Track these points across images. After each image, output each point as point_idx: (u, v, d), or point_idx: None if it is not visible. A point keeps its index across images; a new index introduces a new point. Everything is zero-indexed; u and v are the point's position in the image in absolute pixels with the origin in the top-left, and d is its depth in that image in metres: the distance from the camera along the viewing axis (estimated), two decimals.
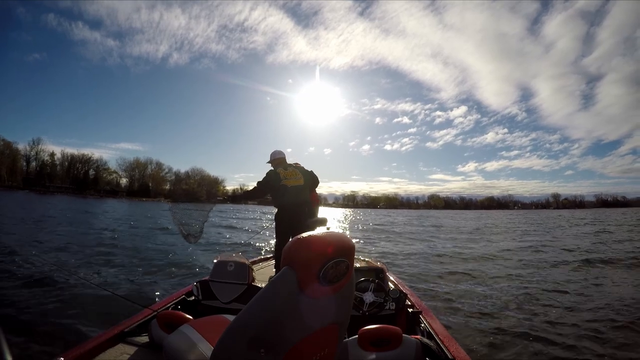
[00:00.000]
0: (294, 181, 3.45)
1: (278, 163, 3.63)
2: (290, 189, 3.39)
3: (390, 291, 2.44)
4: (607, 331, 3.67)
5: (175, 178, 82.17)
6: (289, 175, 3.46)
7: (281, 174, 3.43)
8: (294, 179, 3.46)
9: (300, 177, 3.49)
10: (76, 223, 14.47)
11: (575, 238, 14.47)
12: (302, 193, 3.46)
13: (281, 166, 3.57)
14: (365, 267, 2.82)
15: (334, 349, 1.00)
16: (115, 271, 5.90)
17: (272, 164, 3.67)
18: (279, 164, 3.60)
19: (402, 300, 2.44)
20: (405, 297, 2.47)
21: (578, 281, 6.20)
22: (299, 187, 3.44)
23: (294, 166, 3.63)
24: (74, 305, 3.83)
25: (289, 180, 3.43)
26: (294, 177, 3.47)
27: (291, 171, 3.51)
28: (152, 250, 8.55)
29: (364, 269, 2.76)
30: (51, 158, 76.12)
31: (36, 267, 5.51)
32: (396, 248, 11.47)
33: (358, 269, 2.72)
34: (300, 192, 3.44)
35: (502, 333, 3.65)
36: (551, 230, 19.90)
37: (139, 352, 1.68)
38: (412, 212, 62.62)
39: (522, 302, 4.82)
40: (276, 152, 3.69)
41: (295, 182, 3.45)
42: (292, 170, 3.52)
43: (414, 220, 33.58)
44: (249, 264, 2.62)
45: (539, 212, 67.53)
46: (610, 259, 8.49)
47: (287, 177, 3.44)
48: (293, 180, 3.44)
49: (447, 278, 6.64)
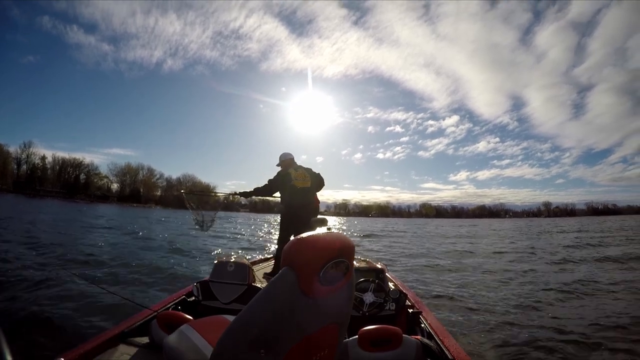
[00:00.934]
0: (303, 183, 3.60)
1: (288, 164, 3.75)
2: (299, 190, 3.55)
3: (390, 291, 2.44)
4: (612, 336, 3.65)
5: (167, 184, 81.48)
6: (299, 177, 3.61)
7: (292, 175, 3.58)
8: (302, 180, 3.61)
9: (309, 179, 3.65)
10: (71, 226, 14.44)
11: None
12: (308, 195, 3.63)
13: (291, 167, 3.69)
14: (365, 268, 2.82)
15: (334, 349, 1.00)
16: (115, 272, 5.90)
17: (281, 165, 3.77)
18: (289, 165, 3.73)
19: (402, 300, 2.44)
20: (405, 297, 2.47)
21: (569, 282, 6.20)
22: (306, 189, 3.60)
23: (303, 168, 3.75)
24: (74, 305, 3.83)
25: (299, 182, 3.58)
26: (303, 179, 3.62)
27: (301, 172, 3.66)
28: (151, 253, 8.55)
29: (364, 269, 2.75)
30: (42, 161, 74.65)
31: (36, 267, 5.51)
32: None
33: (358, 269, 2.72)
34: (307, 193, 3.61)
35: (502, 333, 3.65)
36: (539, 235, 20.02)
37: (139, 352, 1.68)
38: (401, 221, 62.24)
39: (522, 302, 4.82)
40: (285, 154, 3.81)
41: (304, 184, 3.60)
42: (302, 172, 3.67)
43: (401, 226, 33.55)
44: (249, 265, 2.62)
45: (531, 220, 67.38)
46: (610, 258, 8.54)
47: (297, 178, 3.59)
48: (302, 182, 3.60)
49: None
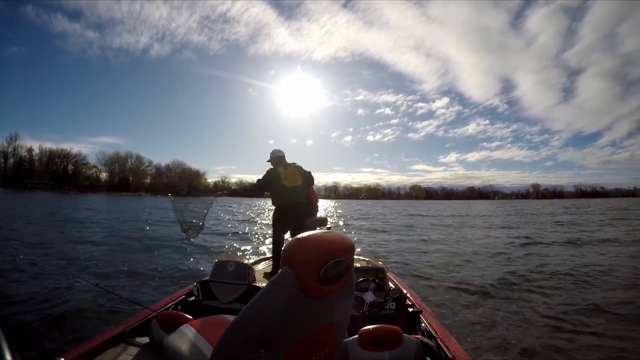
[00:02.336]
0: (293, 182, 3.55)
1: (278, 162, 3.69)
2: (289, 189, 3.50)
3: (390, 291, 2.44)
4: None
5: (156, 171, 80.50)
6: (289, 175, 3.56)
7: (282, 174, 3.52)
8: (292, 179, 3.56)
9: (299, 178, 3.60)
10: (67, 223, 14.36)
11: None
12: (300, 194, 3.58)
13: (281, 165, 3.64)
14: (365, 267, 2.82)
15: (334, 348, 1.00)
16: (115, 272, 5.89)
17: (272, 162, 3.73)
18: (279, 162, 3.67)
19: (402, 300, 2.43)
20: (405, 297, 2.47)
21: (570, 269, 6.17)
22: (296, 187, 3.55)
23: (293, 166, 3.70)
24: (74, 305, 3.83)
25: (288, 181, 3.53)
26: (293, 178, 3.57)
27: (291, 171, 3.60)
28: (149, 252, 8.53)
29: (364, 269, 2.75)
30: (29, 154, 72.43)
31: (36, 267, 5.51)
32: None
33: (358, 269, 2.72)
34: (298, 192, 3.56)
35: (502, 333, 3.64)
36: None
37: (139, 352, 1.68)
38: (389, 203, 61.27)
39: (521, 303, 4.81)
40: (276, 151, 3.75)
41: (294, 183, 3.55)
42: (292, 171, 3.61)
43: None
44: (249, 264, 2.63)
45: (521, 202, 67.03)
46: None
47: (286, 177, 3.53)
48: (292, 181, 3.55)
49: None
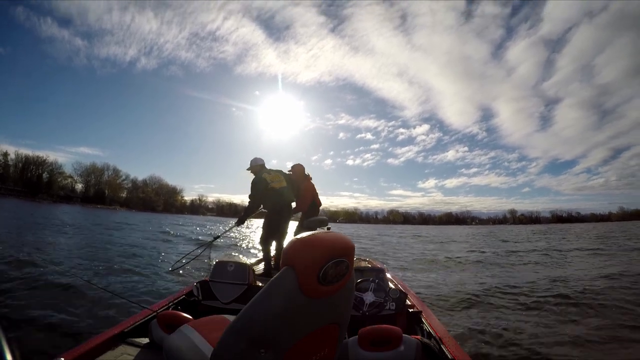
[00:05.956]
0: (279, 183, 3.66)
1: (260, 169, 3.75)
2: (279, 191, 3.62)
3: (390, 291, 2.44)
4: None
5: (133, 186, 78.04)
6: (274, 179, 3.67)
7: (267, 179, 3.62)
8: (278, 181, 3.67)
9: (283, 179, 3.72)
10: (62, 226, 14.43)
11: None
12: (289, 193, 3.71)
13: (263, 171, 3.72)
14: (365, 267, 2.83)
15: (334, 349, 1.01)
16: (114, 272, 5.89)
17: (252, 170, 3.79)
18: (261, 170, 3.74)
19: (402, 300, 2.43)
20: (405, 297, 2.47)
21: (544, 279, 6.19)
22: (284, 188, 3.67)
23: (274, 170, 3.80)
24: (74, 305, 3.82)
25: (275, 184, 3.63)
26: (278, 180, 3.68)
27: (274, 175, 3.71)
28: (148, 253, 8.53)
29: (364, 269, 2.76)
30: (4, 158, 69.21)
31: (36, 267, 5.51)
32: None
33: (358, 269, 2.72)
34: (287, 192, 3.69)
35: (502, 332, 3.64)
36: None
37: (139, 352, 1.68)
38: (365, 227, 60.57)
39: (522, 301, 4.82)
40: (257, 159, 3.82)
41: (280, 184, 3.66)
42: (275, 174, 3.72)
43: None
44: (249, 265, 2.63)
45: (496, 227, 67.64)
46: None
47: (272, 180, 3.64)
48: (278, 183, 3.65)
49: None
